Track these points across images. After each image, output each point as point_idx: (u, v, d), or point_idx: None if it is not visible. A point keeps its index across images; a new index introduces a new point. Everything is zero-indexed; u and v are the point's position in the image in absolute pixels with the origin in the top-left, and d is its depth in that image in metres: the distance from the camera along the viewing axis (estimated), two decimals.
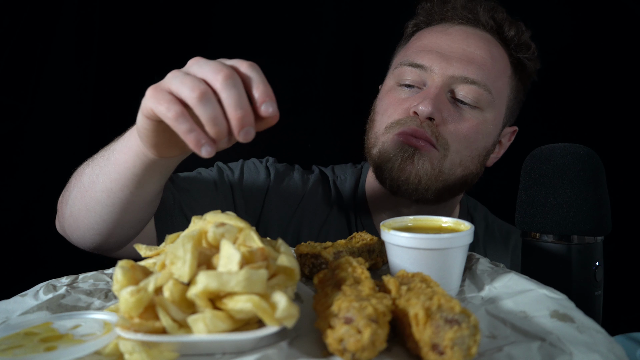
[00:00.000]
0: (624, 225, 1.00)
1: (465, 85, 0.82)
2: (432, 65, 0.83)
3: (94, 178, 0.65)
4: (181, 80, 0.47)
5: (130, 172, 0.61)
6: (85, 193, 0.66)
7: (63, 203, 0.72)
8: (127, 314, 0.38)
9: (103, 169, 0.64)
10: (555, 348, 0.38)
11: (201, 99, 0.45)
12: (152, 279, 0.39)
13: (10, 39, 1.11)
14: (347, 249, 0.59)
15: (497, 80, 0.86)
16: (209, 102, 0.45)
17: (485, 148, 0.88)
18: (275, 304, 0.38)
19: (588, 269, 0.62)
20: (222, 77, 0.46)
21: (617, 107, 1.30)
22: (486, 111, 0.85)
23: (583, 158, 0.63)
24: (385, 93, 0.90)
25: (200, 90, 0.45)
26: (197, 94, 0.45)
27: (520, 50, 0.89)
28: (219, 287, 0.37)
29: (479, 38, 0.86)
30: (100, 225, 0.68)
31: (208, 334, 0.37)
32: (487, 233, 1.00)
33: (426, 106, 0.79)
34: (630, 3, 1.24)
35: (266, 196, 0.91)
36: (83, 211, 0.67)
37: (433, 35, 0.88)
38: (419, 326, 0.36)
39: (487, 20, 0.87)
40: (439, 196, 0.86)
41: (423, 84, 0.85)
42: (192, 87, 0.46)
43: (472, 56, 0.84)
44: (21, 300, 0.51)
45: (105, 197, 0.64)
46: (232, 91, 0.46)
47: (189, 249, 0.40)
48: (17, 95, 1.14)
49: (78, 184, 0.68)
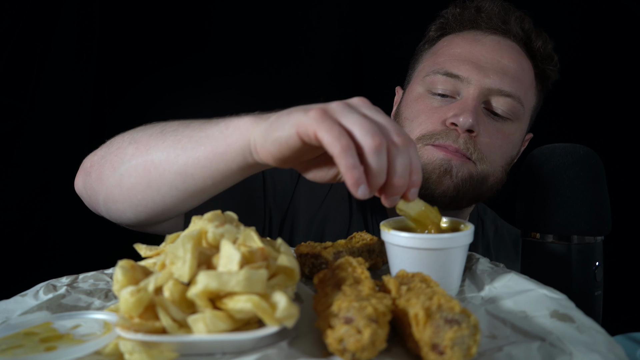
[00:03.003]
0: (624, 225, 1.00)
1: (500, 98, 0.82)
2: (469, 76, 0.82)
3: (171, 158, 0.60)
4: (359, 120, 0.46)
5: (225, 167, 0.58)
6: (154, 169, 0.61)
7: (106, 167, 0.66)
8: (127, 314, 0.38)
9: (188, 151, 0.59)
10: (555, 348, 0.38)
11: (379, 149, 0.45)
12: (152, 279, 0.39)
13: (10, 39, 1.11)
14: (347, 249, 0.59)
15: (527, 92, 0.86)
16: (383, 155, 0.46)
17: (512, 157, 0.89)
18: (275, 304, 0.38)
19: (588, 269, 0.62)
20: (402, 141, 0.47)
21: (617, 107, 1.30)
22: (516, 122, 0.85)
23: (583, 158, 0.63)
24: (415, 100, 0.88)
25: (381, 140, 0.46)
26: (378, 143, 0.45)
27: (546, 61, 0.89)
28: (219, 287, 0.37)
29: (510, 49, 0.86)
30: (157, 205, 0.64)
31: (208, 334, 0.37)
32: (496, 237, 1.00)
33: (467, 118, 0.78)
34: (630, 3, 1.24)
35: (294, 191, 0.90)
36: (141, 186, 0.63)
37: (466, 43, 0.87)
38: (419, 326, 0.36)
39: (517, 30, 0.87)
40: (470, 203, 0.86)
41: (457, 94, 0.84)
42: (373, 133, 0.45)
43: (507, 68, 0.83)
44: (21, 300, 0.51)
45: (181, 181, 0.60)
46: (405, 160, 0.47)
47: (189, 249, 0.40)
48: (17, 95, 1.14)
49: (142, 155, 0.63)
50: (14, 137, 1.14)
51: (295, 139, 0.49)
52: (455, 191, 0.81)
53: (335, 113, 0.47)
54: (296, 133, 0.48)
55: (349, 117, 0.47)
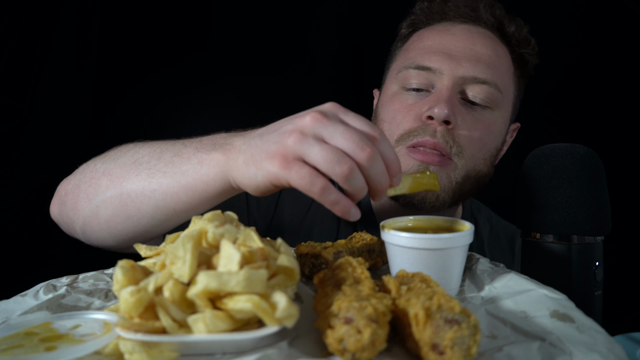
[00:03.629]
0: (624, 225, 1.00)
1: (475, 86, 0.80)
2: (441, 67, 0.80)
3: (147, 192, 0.61)
4: (321, 154, 0.46)
5: (206, 197, 0.59)
6: (130, 203, 0.62)
7: (80, 198, 0.66)
8: (127, 314, 0.38)
9: (164, 187, 0.60)
10: (555, 348, 0.38)
11: (350, 176, 0.46)
12: (152, 279, 0.39)
13: (10, 39, 1.11)
14: (347, 249, 0.59)
15: (505, 78, 0.84)
16: (357, 175, 0.47)
17: (496, 148, 0.86)
18: (275, 304, 0.38)
19: (588, 269, 0.62)
20: (367, 156, 0.47)
21: (617, 107, 1.30)
22: (496, 110, 0.83)
23: (583, 158, 0.63)
24: (390, 99, 0.86)
25: (349, 165, 0.46)
26: (346, 171, 0.46)
27: (522, 46, 0.88)
28: (219, 287, 0.37)
29: (483, 36, 0.84)
30: (138, 233, 0.65)
31: (208, 334, 0.37)
32: (491, 236, 0.99)
33: (442, 109, 0.76)
34: (630, 3, 1.24)
35: (278, 200, 0.89)
36: (120, 218, 0.63)
37: (436, 35, 0.86)
38: (419, 326, 0.36)
39: (488, 17, 0.86)
40: (453, 204, 0.84)
41: (431, 87, 0.82)
42: (338, 162, 0.46)
43: (480, 55, 0.81)
44: (21, 300, 0.51)
45: (161, 214, 0.61)
46: (378, 166, 0.48)
47: (189, 249, 0.40)
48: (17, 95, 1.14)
49: (115, 187, 0.63)
50: (14, 137, 1.14)
51: (271, 187, 0.51)
52: (435, 196, 0.79)
53: (296, 152, 0.47)
54: (270, 183, 0.50)
55: (312, 153, 0.47)
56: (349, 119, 0.50)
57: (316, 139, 0.47)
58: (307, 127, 0.48)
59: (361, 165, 0.47)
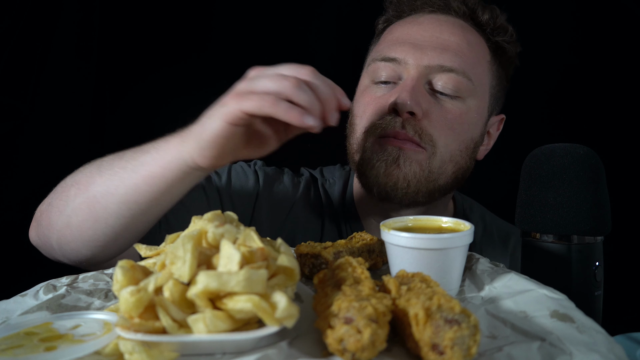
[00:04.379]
0: (624, 225, 1.00)
1: (443, 75, 0.78)
2: (406, 57, 0.79)
3: (111, 189, 0.62)
4: (266, 79, 0.52)
5: (165, 185, 0.60)
6: (97, 204, 0.63)
7: (52, 213, 0.68)
8: (127, 314, 0.38)
9: (125, 181, 0.61)
10: (555, 348, 0.38)
11: (298, 86, 0.51)
12: (152, 279, 0.39)
13: (10, 39, 1.11)
14: (347, 249, 0.59)
15: (476, 67, 0.82)
16: (305, 88, 0.52)
17: (472, 139, 0.84)
18: (275, 304, 0.38)
19: (588, 269, 0.62)
20: (309, 71, 0.54)
21: (617, 107, 1.30)
22: (468, 100, 0.81)
23: (583, 158, 0.63)
24: (361, 93, 0.86)
25: (293, 78, 0.52)
26: (292, 82, 0.51)
27: (497, 33, 0.86)
28: (219, 287, 0.37)
29: (452, 24, 0.83)
30: (108, 237, 0.65)
31: (208, 334, 0.37)
32: (484, 235, 0.97)
33: (404, 99, 0.75)
34: (630, 3, 1.24)
35: (256, 201, 0.87)
36: (89, 222, 0.64)
37: (404, 27, 0.85)
38: (419, 326, 0.36)
39: (458, 6, 0.84)
40: (430, 197, 0.82)
41: (398, 78, 0.81)
42: (282, 79, 0.52)
43: (447, 43, 0.80)
44: (21, 300, 0.51)
45: (125, 209, 0.62)
46: (322, 81, 0.54)
47: (189, 249, 0.40)
48: (17, 95, 1.14)
49: (84, 193, 0.64)
50: (14, 137, 1.14)
51: (227, 128, 0.54)
52: (405, 182, 0.78)
53: (245, 87, 0.54)
54: (225, 122, 0.53)
55: (258, 83, 0.53)
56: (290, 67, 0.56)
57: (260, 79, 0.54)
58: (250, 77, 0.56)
59: (308, 83, 0.53)
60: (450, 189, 0.86)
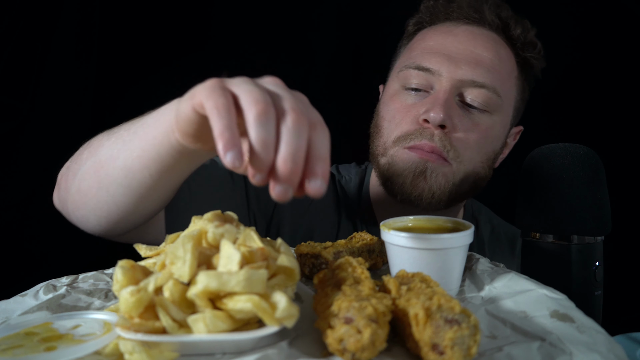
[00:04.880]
0: (624, 225, 1.00)
1: (474, 89, 0.80)
2: (440, 69, 0.81)
3: (114, 153, 0.59)
4: (250, 88, 0.40)
5: (156, 152, 0.55)
6: (101, 169, 0.60)
7: (69, 176, 0.66)
8: (127, 314, 0.38)
9: (127, 143, 0.58)
10: (555, 348, 0.38)
11: (263, 117, 0.38)
12: (152, 279, 0.39)
13: (10, 39, 1.11)
14: (347, 249, 0.59)
15: (505, 82, 0.84)
16: (269, 126, 0.38)
17: (494, 151, 0.86)
18: (275, 304, 0.38)
19: (588, 269, 0.62)
20: (295, 117, 0.39)
21: (617, 107, 1.30)
22: (495, 114, 0.82)
23: (583, 158, 0.63)
24: (390, 97, 0.87)
25: (267, 107, 0.39)
26: (262, 109, 0.38)
27: (527, 49, 0.87)
28: (219, 287, 0.37)
29: (486, 38, 0.84)
30: (110, 207, 0.62)
31: (208, 334, 0.37)
32: (492, 237, 0.99)
33: (437, 113, 0.76)
34: (630, 3, 1.24)
35: None
36: (94, 188, 0.62)
37: (438, 35, 0.85)
38: (419, 326, 0.36)
39: (493, 19, 0.85)
40: (450, 204, 0.84)
41: (430, 88, 0.82)
42: (258, 101, 0.39)
43: (480, 58, 0.81)
44: (21, 300, 0.51)
45: (123, 176, 0.59)
46: (296, 139, 0.39)
47: (189, 249, 0.40)
48: (17, 95, 1.14)
49: (93, 157, 0.62)
50: (14, 137, 1.14)
51: (192, 113, 0.45)
52: (430, 193, 0.80)
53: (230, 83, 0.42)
54: (191, 106, 0.44)
55: (241, 86, 0.41)
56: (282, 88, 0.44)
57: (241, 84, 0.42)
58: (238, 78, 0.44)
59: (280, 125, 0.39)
60: (469, 196, 0.88)
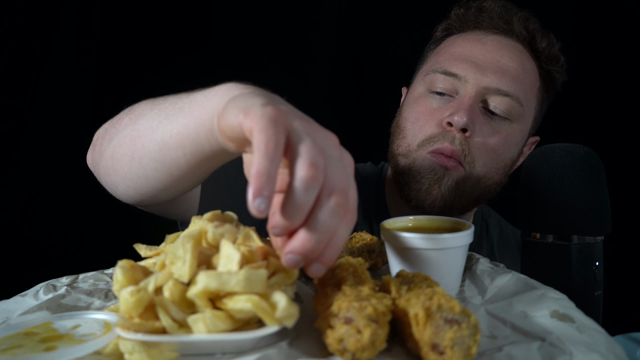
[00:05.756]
0: (624, 225, 1.00)
1: (498, 97, 0.82)
2: (467, 75, 0.83)
3: (154, 124, 0.56)
4: (311, 143, 0.38)
5: (195, 132, 0.51)
6: (138, 138, 0.58)
7: (105, 139, 0.64)
8: (127, 314, 0.38)
9: (169, 117, 0.55)
10: (555, 348, 0.38)
11: (311, 183, 0.37)
12: (152, 279, 0.39)
13: (10, 39, 1.11)
14: (347, 249, 0.59)
15: (528, 93, 0.86)
16: (313, 192, 0.37)
17: (511, 159, 0.87)
18: (275, 304, 0.38)
19: (588, 269, 0.62)
20: (338, 201, 0.38)
21: (617, 107, 1.30)
22: (515, 123, 0.85)
23: (583, 158, 0.63)
24: (415, 100, 0.89)
25: (317, 172, 0.37)
26: (313, 176, 0.37)
27: (551, 62, 0.89)
28: (218, 287, 0.37)
29: (512, 49, 0.86)
30: (140, 179, 0.61)
31: (208, 334, 0.37)
32: (501, 239, 1.00)
33: (461, 117, 0.79)
34: (630, 3, 1.24)
35: None
36: (127, 157, 0.60)
37: (467, 43, 0.88)
38: (419, 326, 0.36)
39: (521, 31, 0.87)
40: (463, 210, 0.86)
41: (455, 93, 0.85)
42: (315, 164, 0.37)
43: (506, 68, 0.84)
44: (21, 300, 0.51)
45: (157, 150, 0.56)
46: (331, 223, 0.38)
47: (188, 249, 0.40)
48: (17, 95, 1.14)
49: (132, 125, 0.60)
50: (14, 137, 1.14)
51: (238, 129, 0.42)
52: (443, 201, 0.81)
53: (290, 122, 0.39)
54: (240, 123, 0.41)
55: (302, 136, 0.38)
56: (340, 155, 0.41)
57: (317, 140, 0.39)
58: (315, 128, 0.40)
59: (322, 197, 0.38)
60: (482, 201, 0.90)
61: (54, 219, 0.81)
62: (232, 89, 0.48)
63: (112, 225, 1.16)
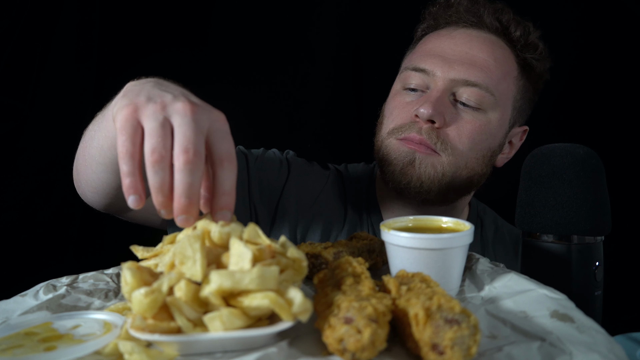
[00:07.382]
0: (624, 225, 1.00)
1: (467, 88, 0.84)
2: (435, 69, 0.85)
3: (92, 133, 0.65)
4: (153, 130, 0.44)
5: (113, 133, 0.57)
6: (85, 149, 0.68)
7: (78, 150, 0.73)
8: (142, 315, 0.38)
9: (99, 123, 0.63)
10: (555, 348, 0.38)
11: (155, 165, 0.42)
12: (165, 280, 0.39)
13: (10, 39, 1.11)
14: (347, 249, 0.59)
15: (501, 82, 0.87)
16: (159, 172, 0.42)
17: (490, 149, 0.89)
18: (292, 300, 0.38)
19: (588, 269, 0.62)
20: (185, 159, 0.42)
21: (617, 107, 1.30)
22: (489, 112, 0.86)
23: (583, 158, 0.63)
24: (392, 96, 0.92)
25: (159, 156, 0.43)
26: (155, 159, 0.42)
27: (527, 50, 0.90)
28: (232, 286, 0.38)
29: (482, 40, 0.87)
30: (96, 183, 0.68)
31: (225, 331, 0.38)
32: (496, 237, 1.01)
33: (426, 109, 0.81)
34: (630, 3, 1.24)
35: (284, 187, 0.92)
36: (82, 166, 0.69)
37: (438, 39, 0.90)
38: (419, 326, 0.36)
39: (491, 22, 0.88)
40: (444, 197, 0.87)
41: (427, 87, 0.87)
42: (154, 149, 0.43)
43: (475, 59, 0.85)
44: (21, 300, 0.51)
45: (98, 154, 0.63)
46: (187, 177, 0.42)
47: (197, 249, 0.40)
48: (17, 95, 1.14)
49: (82, 138, 0.70)
50: (14, 137, 1.14)
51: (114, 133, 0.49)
52: (419, 182, 0.84)
53: (143, 114, 0.45)
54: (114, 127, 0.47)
55: (148, 123, 0.44)
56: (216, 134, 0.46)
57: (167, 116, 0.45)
58: (169, 105, 0.45)
59: (175, 167, 0.43)
60: (465, 192, 0.91)
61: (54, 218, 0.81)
62: (125, 88, 0.54)
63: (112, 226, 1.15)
